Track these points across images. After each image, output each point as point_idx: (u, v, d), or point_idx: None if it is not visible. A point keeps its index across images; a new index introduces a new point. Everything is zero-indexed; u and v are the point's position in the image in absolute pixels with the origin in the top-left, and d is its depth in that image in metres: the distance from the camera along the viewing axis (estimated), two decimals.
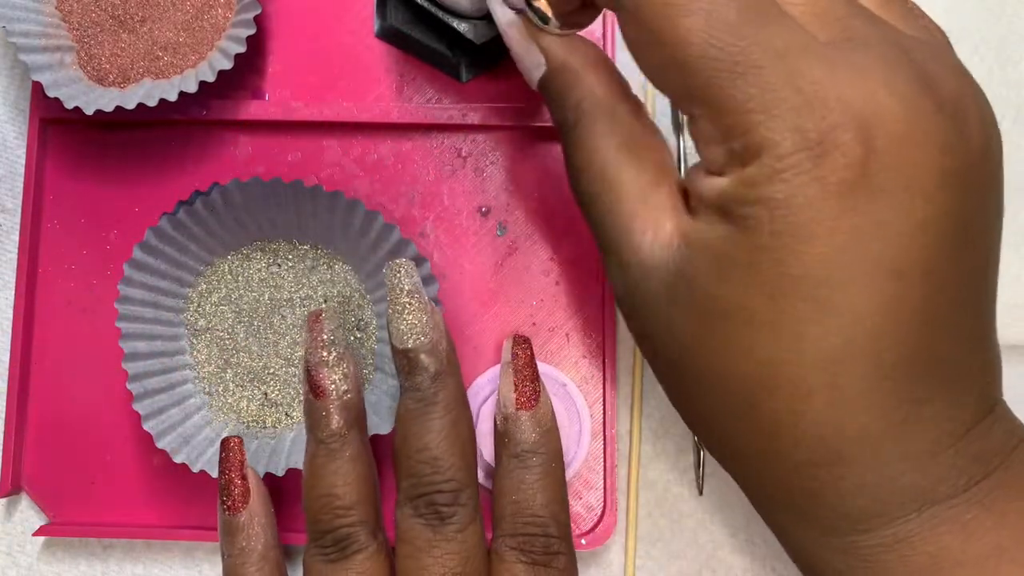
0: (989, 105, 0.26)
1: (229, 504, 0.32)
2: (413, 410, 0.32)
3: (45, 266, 0.39)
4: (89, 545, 0.38)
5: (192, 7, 0.38)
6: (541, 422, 0.33)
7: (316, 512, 0.32)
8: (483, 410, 0.36)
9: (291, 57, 0.39)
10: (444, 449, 0.31)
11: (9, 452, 0.37)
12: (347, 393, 0.32)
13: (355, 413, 0.33)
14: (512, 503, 0.32)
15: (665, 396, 0.29)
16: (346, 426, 0.32)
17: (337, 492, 0.31)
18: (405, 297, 0.32)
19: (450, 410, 0.32)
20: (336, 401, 0.32)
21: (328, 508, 0.31)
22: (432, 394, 0.32)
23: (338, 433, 0.32)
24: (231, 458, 0.33)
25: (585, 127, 0.29)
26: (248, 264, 0.37)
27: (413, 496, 0.31)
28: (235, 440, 0.33)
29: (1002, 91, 0.41)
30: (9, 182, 0.40)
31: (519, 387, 0.34)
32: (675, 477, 0.38)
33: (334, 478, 0.31)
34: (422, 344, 0.31)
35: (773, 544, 0.38)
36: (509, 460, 0.33)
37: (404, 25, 0.38)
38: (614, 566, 0.38)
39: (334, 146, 0.39)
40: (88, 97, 0.36)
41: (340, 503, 0.31)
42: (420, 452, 0.31)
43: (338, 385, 0.32)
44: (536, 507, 0.32)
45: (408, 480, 0.31)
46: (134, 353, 0.35)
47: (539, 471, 0.33)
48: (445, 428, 0.31)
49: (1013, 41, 0.41)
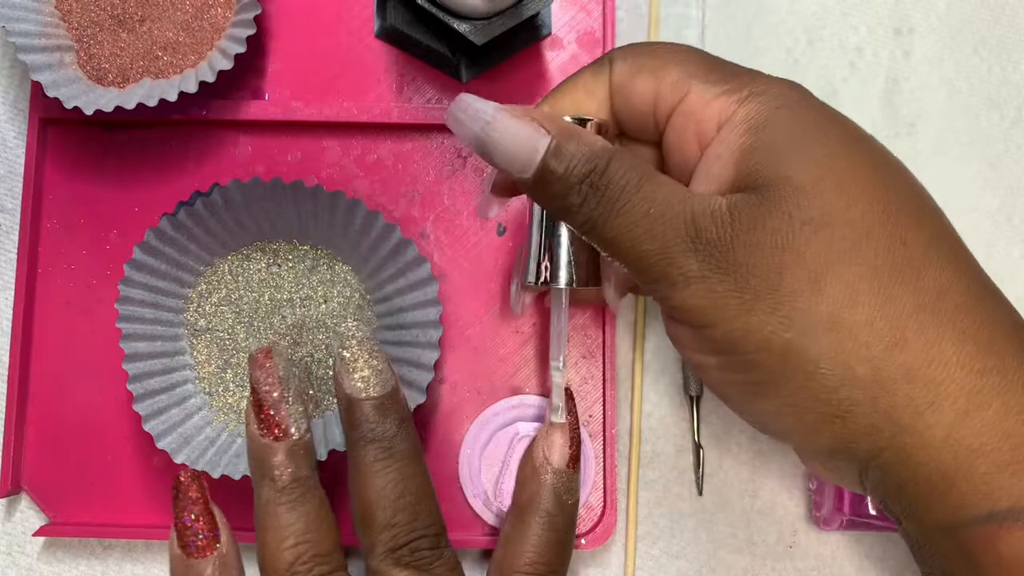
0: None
1: (196, 546, 0.29)
2: (381, 460, 0.31)
3: (45, 266, 0.38)
4: (89, 545, 0.38)
5: (192, 7, 0.38)
6: (578, 485, 0.34)
7: (287, 564, 0.30)
8: (495, 437, 0.37)
9: (291, 57, 0.39)
10: (421, 496, 0.31)
11: (9, 452, 0.37)
12: (306, 433, 0.31)
13: (312, 454, 0.32)
14: (541, 564, 0.32)
15: (665, 396, 0.29)
16: (308, 468, 0.31)
17: (309, 539, 0.30)
18: (360, 346, 0.32)
19: (416, 457, 0.31)
20: (297, 442, 0.31)
21: (305, 557, 0.30)
22: (398, 443, 0.31)
23: (301, 476, 0.31)
24: (191, 493, 0.30)
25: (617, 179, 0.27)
26: (248, 264, 0.37)
27: (396, 547, 0.30)
28: (189, 473, 0.30)
29: (1002, 91, 0.41)
30: (8, 182, 0.40)
31: (572, 447, 0.34)
32: (675, 477, 0.38)
33: (302, 522, 0.30)
34: (386, 392, 0.31)
35: (773, 544, 0.38)
36: (544, 517, 0.33)
37: (404, 25, 0.37)
38: (614, 566, 0.38)
39: (334, 146, 0.39)
40: (88, 97, 0.36)
41: (317, 551, 0.30)
42: (398, 500, 0.30)
43: (299, 424, 0.31)
44: (556, 568, 0.33)
45: (388, 531, 0.30)
46: (134, 354, 0.35)
47: (566, 533, 0.33)
48: (417, 475, 0.31)
49: (1013, 41, 0.41)
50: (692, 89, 0.28)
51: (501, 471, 0.37)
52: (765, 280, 0.25)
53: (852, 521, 0.36)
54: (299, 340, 0.37)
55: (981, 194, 0.40)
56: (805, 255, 0.25)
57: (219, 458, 0.35)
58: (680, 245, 0.26)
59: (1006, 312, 0.26)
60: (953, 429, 0.24)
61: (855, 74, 0.41)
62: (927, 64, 0.41)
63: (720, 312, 0.26)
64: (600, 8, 0.40)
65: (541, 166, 0.27)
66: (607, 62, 0.30)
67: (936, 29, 0.41)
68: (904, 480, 0.25)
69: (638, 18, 0.41)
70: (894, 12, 0.41)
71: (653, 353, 0.39)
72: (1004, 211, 0.40)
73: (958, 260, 0.26)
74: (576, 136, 0.27)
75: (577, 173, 0.27)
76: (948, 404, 0.24)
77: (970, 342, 0.25)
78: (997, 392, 0.24)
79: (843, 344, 0.25)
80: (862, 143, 0.27)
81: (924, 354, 0.25)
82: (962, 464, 0.24)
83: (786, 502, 0.38)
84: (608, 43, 0.39)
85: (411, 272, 0.36)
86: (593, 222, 0.27)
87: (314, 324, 0.37)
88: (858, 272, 0.25)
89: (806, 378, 0.26)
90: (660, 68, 0.29)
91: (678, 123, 0.29)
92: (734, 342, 0.26)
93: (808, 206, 0.25)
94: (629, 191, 0.26)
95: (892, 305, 0.25)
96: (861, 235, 0.25)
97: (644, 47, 0.30)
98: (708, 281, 0.26)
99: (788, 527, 0.38)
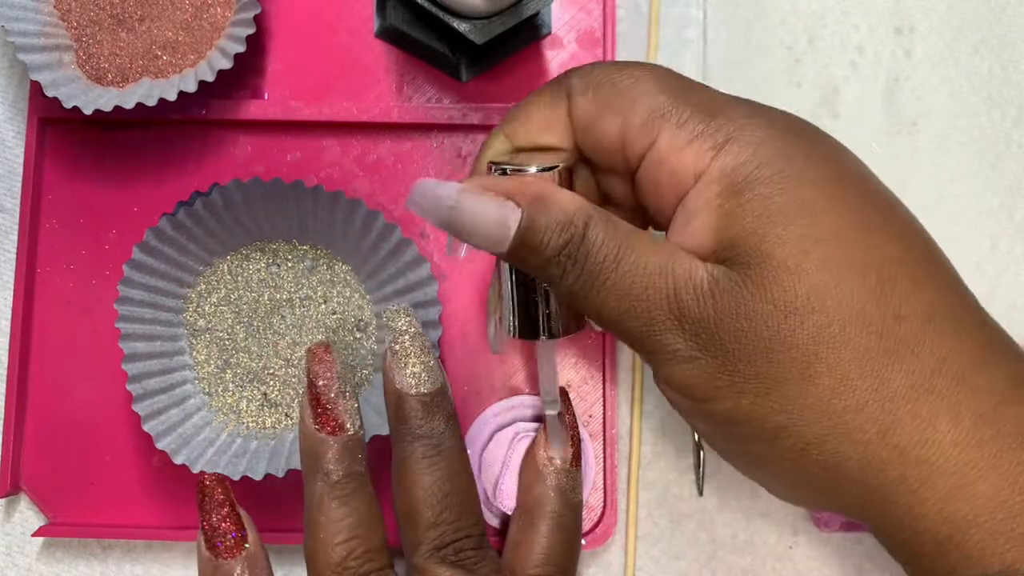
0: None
1: (225, 547, 0.29)
2: (430, 457, 0.30)
3: (44, 266, 0.38)
4: (88, 545, 0.38)
5: (191, 6, 0.38)
6: (581, 482, 0.34)
7: (340, 558, 0.29)
8: (495, 437, 0.37)
9: (291, 57, 0.39)
10: (468, 495, 0.30)
11: (9, 452, 0.37)
12: (361, 429, 0.31)
13: (365, 452, 0.31)
14: (553, 566, 0.32)
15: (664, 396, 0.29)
16: (361, 464, 0.30)
17: (361, 533, 0.29)
18: (414, 341, 0.31)
19: (464, 455, 0.31)
20: (352, 437, 0.30)
21: (356, 553, 0.29)
22: (446, 439, 0.30)
23: (355, 472, 0.30)
24: (218, 494, 0.30)
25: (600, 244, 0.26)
26: (248, 264, 0.37)
27: (440, 546, 0.30)
28: (213, 476, 0.30)
29: (1002, 91, 0.41)
30: (7, 182, 0.40)
31: (573, 444, 0.34)
32: (675, 477, 0.38)
33: (354, 517, 0.29)
34: (437, 387, 0.31)
35: (773, 544, 0.38)
36: (553, 517, 0.33)
37: (404, 25, 0.37)
38: (614, 566, 0.38)
39: (334, 146, 0.39)
40: (87, 96, 0.36)
41: (369, 545, 0.29)
42: (447, 498, 0.30)
43: (354, 420, 0.31)
44: (569, 567, 0.33)
45: (436, 529, 0.30)
46: (134, 354, 0.35)
47: (575, 533, 0.33)
48: (465, 473, 0.31)
49: (1013, 41, 0.41)
50: (662, 133, 0.27)
51: (501, 471, 0.36)
52: (753, 366, 0.25)
53: (852, 522, 0.36)
54: (298, 340, 0.37)
55: (982, 192, 0.40)
56: (792, 344, 0.25)
57: (218, 458, 0.35)
58: (665, 323, 0.26)
59: (1009, 367, 0.25)
60: (947, 503, 0.24)
61: (856, 73, 0.41)
62: (928, 63, 0.41)
63: (712, 391, 0.26)
64: (600, 8, 0.40)
65: (514, 243, 0.26)
66: (563, 92, 0.29)
67: (937, 28, 0.41)
68: (898, 543, 0.26)
69: (638, 18, 0.41)
70: (895, 11, 0.41)
71: None
72: (1005, 209, 0.40)
73: (959, 329, 0.25)
74: (547, 202, 0.26)
75: (553, 246, 0.26)
76: (942, 480, 0.24)
77: (966, 416, 0.24)
78: (992, 464, 0.24)
79: (835, 430, 0.25)
80: (851, 187, 0.26)
81: (918, 435, 0.24)
82: (956, 533, 0.24)
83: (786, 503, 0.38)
84: (608, 42, 0.39)
85: (411, 272, 0.36)
86: (574, 294, 0.26)
87: (313, 324, 0.37)
88: (849, 355, 0.24)
89: (799, 456, 0.25)
90: (625, 107, 0.27)
91: (651, 170, 0.27)
92: (727, 419, 0.26)
93: (793, 289, 0.25)
94: (608, 265, 0.26)
95: (885, 388, 0.24)
96: (851, 316, 0.25)
97: (603, 75, 0.28)
98: (697, 361, 0.26)
99: (788, 528, 0.38)
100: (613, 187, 0.30)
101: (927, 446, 0.24)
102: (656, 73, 0.28)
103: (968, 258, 0.39)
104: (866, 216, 0.26)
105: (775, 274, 0.25)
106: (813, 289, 0.25)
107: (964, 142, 0.40)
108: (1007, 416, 0.24)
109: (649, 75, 0.28)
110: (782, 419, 0.25)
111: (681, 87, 0.27)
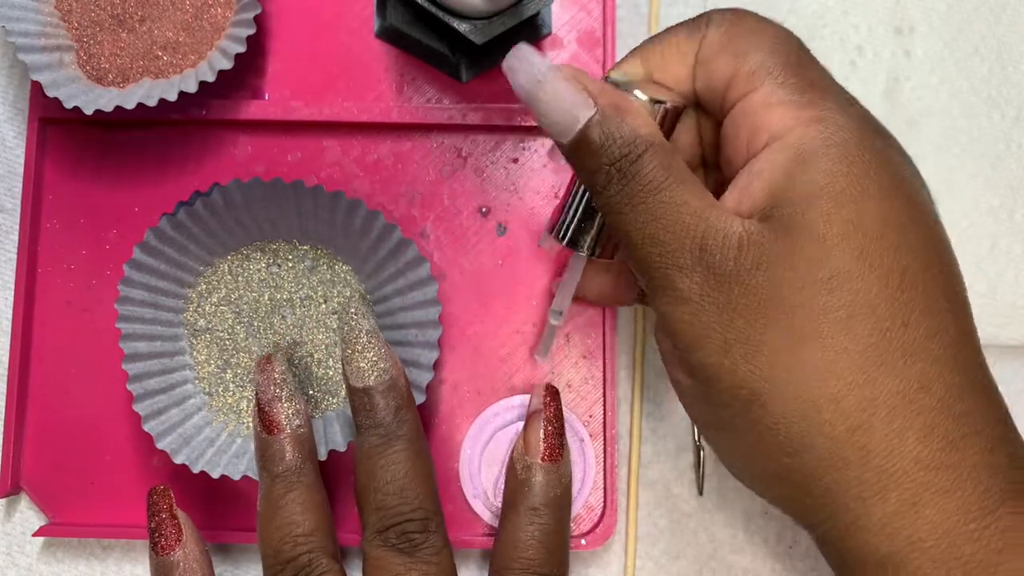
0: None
1: (162, 544, 0.32)
2: (377, 446, 0.32)
3: (44, 266, 0.38)
4: (88, 546, 0.38)
5: (192, 7, 0.38)
6: (563, 478, 0.34)
7: (276, 543, 0.31)
8: (495, 437, 0.37)
9: (291, 57, 0.39)
10: (411, 480, 0.31)
11: (9, 452, 0.37)
12: (300, 428, 0.33)
13: (308, 447, 0.33)
14: (526, 559, 0.32)
15: (665, 396, 0.30)
16: (300, 458, 0.32)
17: (296, 520, 0.31)
18: (364, 337, 0.32)
19: (413, 443, 0.32)
20: (290, 435, 0.32)
21: (288, 537, 0.31)
22: (395, 429, 0.32)
23: (293, 466, 0.32)
24: (160, 503, 0.33)
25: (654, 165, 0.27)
26: (248, 264, 0.37)
27: (382, 528, 0.31)
28: (160, 487, 0.33)
29: (1002, 91, 0.41)
30: (8, 182, 0.40)
31: (547, 440, 0.34)
32: (675, 477, 0.38)
33: (292, 506, 0.32)
34: (384, 380, 0.32)
35: (773, 544, 0.38)
36: (527, 512, 0.33)
37: (404, 25, 0.37)
38: (614, 566, 0.38)
39: (334, 146, 0.39)
40: (87, 97, 0.36)
41: (299, 531, 0.31)
42: (388, 485, 0.31)
43: (291, 419, 0.33)
44: (549, 566, 0.32)
45: (376, 514, 0.31)
46: (134, 354, 0.35)
47: (554, 527, 0.33)
48: (410, 460, 0.32)
49: (1013, 41, 0.41)
50: (762, 87, 0.28)
51: (501, 471, 0.36)
52: (750, 326, 0.25)
53: None
54: (299, 340, 0.37)
55: (983, 192, 0.40)
56: (798, 313, 0.25)
57: (219, 458, 0.35)
58: (683, 259, 0.26)
59: (990, 407, 0.26)
60: (894, 519, 0.24)
61: (856, 73, 0.41)
62: (928, 63, 0.41)
63: (699, 341, 0.26)
64: (600, 7, 0.40)
65: (579, 136, 0.27)
66: (703, 23, 0.29)
67: (937, 28, 0.41)
68: (840, 554, 0.26)
69: (638, 17, 0.41)
70: (895, 11, 0.41)
71: (653, 353, 0.39)
72: (1006, 208, 0.40)
73: (955, 355, 0.25)
74: (624, 115, 0.27)
75: (610, 154, 0.26)
76: (895, 495, 0.24)
77: (937, 438, 0.24)
78: (946, 490, 0.24)
79: (806, 415, 0.25)
80: (904, 199, 0.26)
81: (885, 443, 0.24)
82: (897, 552, 0.24)
83: None
84: (608, 42, 0.39)
85: (411, 272, 0.36)
86: (611, 207, 0.27)
87: (314, 324, 0.37)
88: (846, 344, 0.25)
89: (765, 432, 0.25)
90: (745, 52, 0.28)
91: (737, 119, 0.28)
92: (707, 374, 0.26)
93: (820, 263, 0.25)
94: (651, 188, 0.26)
95: (869, 387, 0.25)
96: (863, 309, 0.25)
97: (742, 19, 0.29)
98: (697, 306, 0.26)
99: (788, 527, 0.38)
100: (706, 136, 0.31)
101: (890, 457, 0.24)
102: (786, 37, 0.29)
103: (968, 258, 0.39)
104: (907, 223, 0.26)
105: (809, 243, 0.25)
106: (838, 271, 0.25)
107: (964, 142, 0.40)
108: (976, 447, 0.25)
109: (779, 36, 0.29)
110: (759, 386, 0.25)
111: (799, 57, 0.28)
